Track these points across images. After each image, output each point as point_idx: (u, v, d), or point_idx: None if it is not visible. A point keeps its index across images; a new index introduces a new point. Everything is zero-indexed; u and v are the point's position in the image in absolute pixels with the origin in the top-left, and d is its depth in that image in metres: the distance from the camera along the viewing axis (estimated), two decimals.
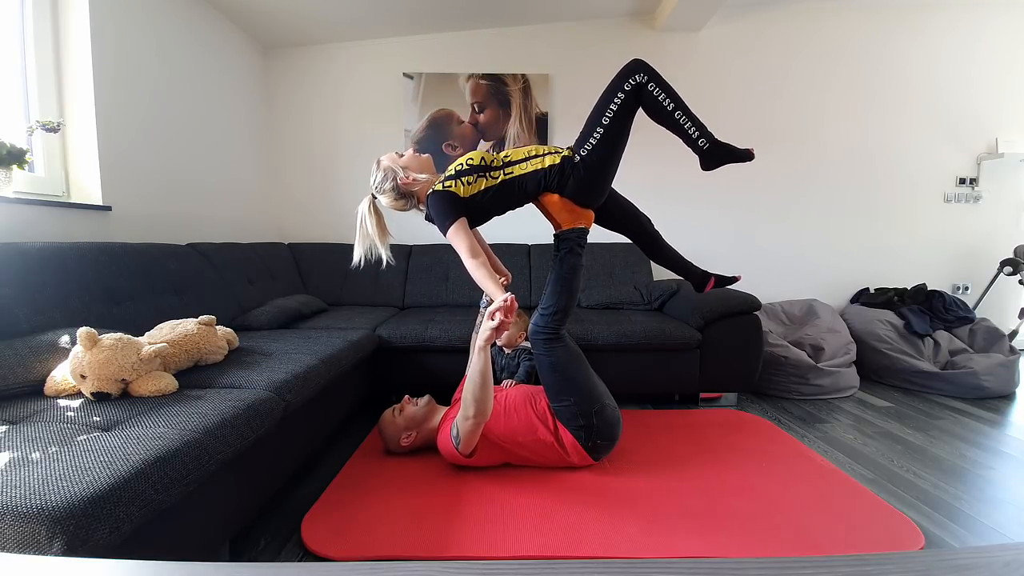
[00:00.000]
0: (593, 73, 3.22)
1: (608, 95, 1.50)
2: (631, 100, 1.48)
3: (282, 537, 1.32)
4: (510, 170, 1.57)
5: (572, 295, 1.66)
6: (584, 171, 1.54)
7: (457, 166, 1.56)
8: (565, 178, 1.55)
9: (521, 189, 1.57)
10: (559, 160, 1.55)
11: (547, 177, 1.55)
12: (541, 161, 1.57)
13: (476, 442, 1.56)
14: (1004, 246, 3.22)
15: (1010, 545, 0.37)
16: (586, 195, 1.60)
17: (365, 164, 3.23)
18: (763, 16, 3.18)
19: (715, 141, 1.52)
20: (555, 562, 0.35)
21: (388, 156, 1.65)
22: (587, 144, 1.53)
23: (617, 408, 1.70)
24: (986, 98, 3.28)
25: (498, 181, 1.56)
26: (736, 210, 3.25)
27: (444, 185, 1.53)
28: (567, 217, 1.62)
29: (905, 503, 1.49)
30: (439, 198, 1.52)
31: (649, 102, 1.48)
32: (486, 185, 1.55)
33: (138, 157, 2.13)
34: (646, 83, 1.46)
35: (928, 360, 2.74)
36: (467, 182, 1.53)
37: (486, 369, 1.45)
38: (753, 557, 0.36)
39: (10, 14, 1.74)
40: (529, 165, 1.57)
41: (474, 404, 1.46)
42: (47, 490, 0.75)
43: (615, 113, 1.49)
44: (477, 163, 1.55)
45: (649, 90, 1.46)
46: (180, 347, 1.38)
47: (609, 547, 1.25)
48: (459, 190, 1.52)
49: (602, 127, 1.51)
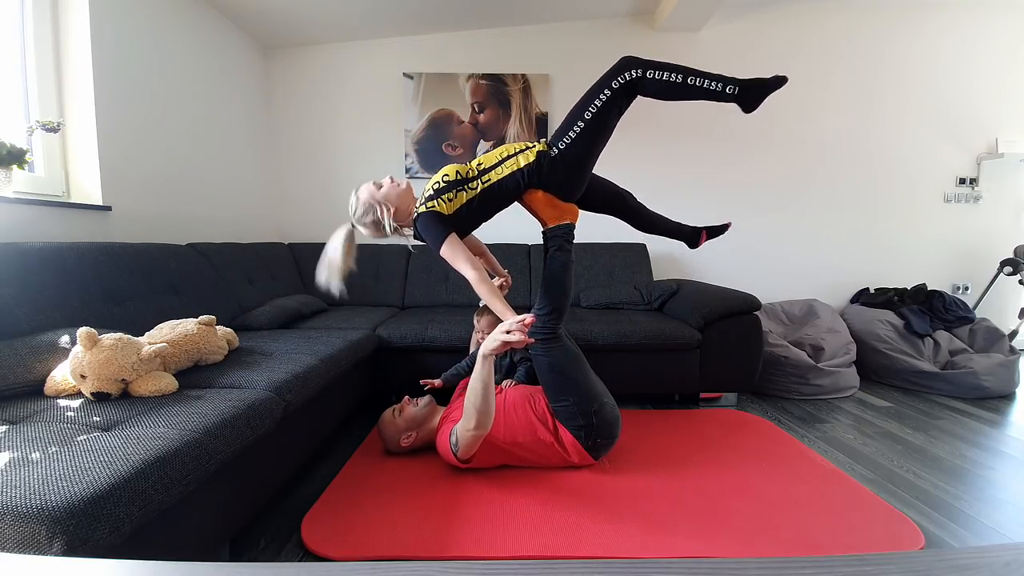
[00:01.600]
0: (593, 73, 3.18)
1: (594, 90, 1.50)
2: (620, 97, 1.48)
3: (282, 537, 1.32)
4: (487, 177, 1.57)
5: (566, 293, 1.66)
6: (562, 165, 1.55)
7: (434, 185, 1.56)
8: (543, 174, 1.55)
9: (503, 192, 1.57)
10: (534, 156, 1.56)
11: (525, 176, 1.55)
12: (515, 162, 1.56)
13: (475, 451, 1.55)
14: (1004, 246, 3.22)
15: (1010, 545, 0.37)
16: (567, 189, 1.60)
17: (365, 164, 3.26)
18: (763, 16, 3.18)
19: (741, 82, 1.45)
20: (555, 562, 0.35)
21: (366, 187, 1.61)
22: (565, 138, 1.54)
23: (616, 406, 1.70)
24: (986, 98, 3.28)
25: (478, 191, 1.56)
26: (736, 210, 3.25)
27: (427, 206, 1.53)
28: (552, 213, 1.62)
29: (905, 503, 1.49)
30: (425, 219, 1.52)
31: (656, 87, 1.47)
32: (468, 197, 1.55)
33: (138, 157, 2.13)
34: (644, 74, 1.45)
35: (928, 360, 2.74)
36: (448, 199, 1.53)
37: (488, 379, 1.43)
38: (753, 557, 0.36)
39: (10, 14, 1.74)
40: (504, 168, 1.57)
41: (476, 415, 1.44)
42: (47, 490, 0.75)
43: (599, 109, 1.49)
44: (453, 178, 1.55)
45: (651, 77, 1.45)
46: (180, 347, 1.37)
47: (609, 547, 1.25)
48: (442, 208, 1.52)
49: (584, 121, 1.51)
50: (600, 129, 1.53)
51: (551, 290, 1.64)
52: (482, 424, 1.46)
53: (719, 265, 3.28)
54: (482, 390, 1.42)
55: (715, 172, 3.26)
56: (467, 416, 1.46)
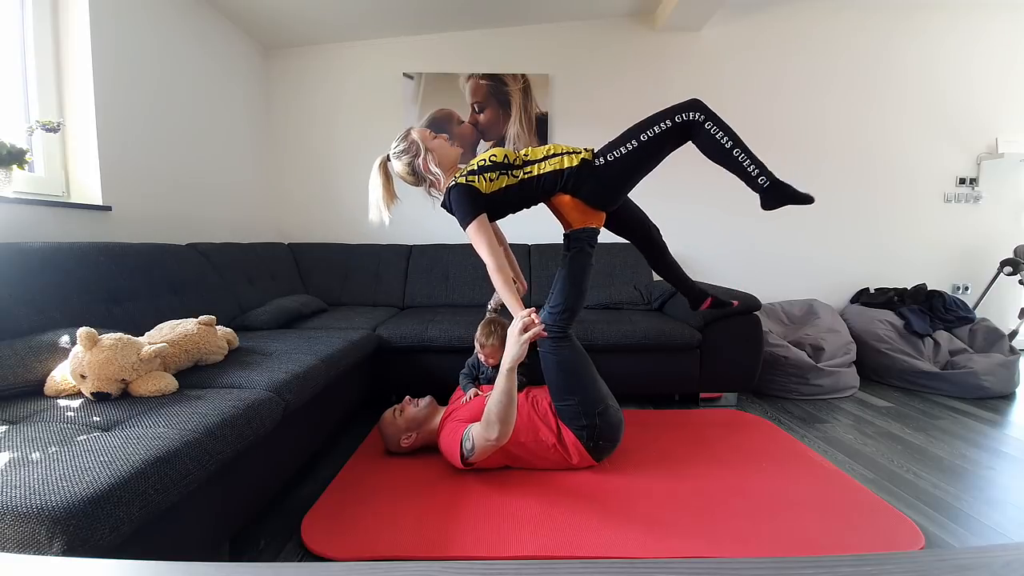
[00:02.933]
0: (593, 73, 3.24)
1: (656, 118, 1.51)
2: (675, 133, 1.50)
3: (282, 537, 1.32)
4: (529, 169, 1.57)
5: (581, 294, 1.67)
6: (605, 177, 1.55)
7: (480, 161, 1.56)
8: (581, 181, 1.55)
9: (539, 188, 1.57)
10: (578, 162, 1.55)
11: (564, 178, 1.55)
12: (560, 161, 1.57)
13: (486, 457, 1.54)
14: (1004, 246, 3.22)
15: (1010, 545, 0.37)
16: (601, 199, 1.60)
17: (365, 164, 3.22)
18: (763, 16, 3.18)
19: (775, 180, 1.48)
20: (555, 562, 0.35)
21: (420, 130, 1.62)
22: (615, 151, 1.54)
23: (620, 410, 1.70)
24: (986, 98, 3.28)
25: (518, 180, 1.56)
26: (736, 209, 3.25)
27: (468, 179, 1.53)
28: (578, 217, 1.62)
29: (905, 503, 1.49)
30: (461, 192, 1.51)
31: (706, 140, 1.48)
32: (507, 183, 1.55)
33: (138, 157, 2.13)
34: (703, 122, 1.47)
35: (928, 360, 2.74)
36: (489, 179, 1.53)
37: (512, 391, 1.43)
38: (753, 557, 0.36)
39: (10, 14, 1.74)
40: (548, 164, 1.57)
41: (499, 424, 1.44)
42: (47, 490, 0.75)
43: (655, 136, 1.50)
44: (500, 160, 1.55)
45: (707, 129, 1.47)
46: (180, 347, 1.37)
47: (609, 547, 1.25)
48: (481, 186, 1.52)
49: (638, 141, 1.51)
50: (649, 156, 1.54)
51: (567, 290, 1.65)
52: (503, 435, 1.46)
53: (719, 265, 3.28)
54: (507, 402, 1.42)
55: (715, 172, 3.25)
56: (488, 425, 1.46)
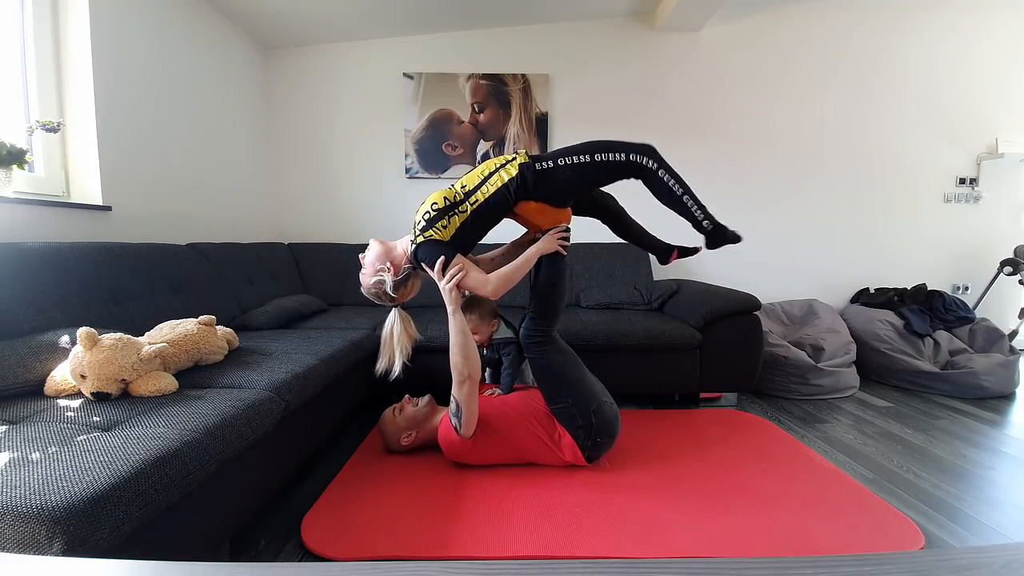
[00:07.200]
0: (593, 73, 3.24)
1: (613, 145, 1.53)
2: (626, 168, 1.54)
3: (282, 537, 1.32)
4: (474, 199, 1.56)
5: (561, 296, 1.67)
6: (562, 180, 1.55)
7: (424, 215, 1.55)
8: (536, 184, 1.55)
9: (493, 210, 1.57)
10: (516, 170, 1.55)
11: (511, 190, 1.55)
12: (499, 177, 1.56)
13: (476, 420, 1.57)
14: (1004, 246, 3.22)
15: (1010, 545, 0.37)
16: (562, 198, 1.61)
17: (365, 164, 3.27)
18: (763, 16, 3.18)
19: (716, 224, 1.59)
20: (555, 562, 0.35)
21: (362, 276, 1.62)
22: (560, 160, 1.54)
23: (614, 404, 1.70)
24: (986, 98, 3.28)
25: (468, 213, 1.56)
26: (736, 209, 3.25)
27: (425, 236, 1.53)
28: (545, 219, 1.62)
29: (905, 503, 1.49)
30: (427, 248, 1.53)
31: (659, 186, 1.54)
32: (460, 221, 1.56)
33: (138, 157, 2.13)
34: (656, 169, 1.52)
35: (928, 360, 2.74)
36: (442, 226, 1.54)
37: (464, 326, 1.55)
38: (753, 557, 0.36)
39: (10, 14, 1.74)
40: (489, 187, 1.56)
41: (464, 361, 1.52)
42: (47, 490, 0.75)
43: (608, 161, 1.53)
44: (442, 205, 1.55)
45: (660, 176, 1.52)
46: (180, 347, 1.37)
47: (609, 547, 1.25)
48: (440, 235, 1.54)
49: (591, 159, 1.53)
50: (598, 176, 1.58)
51: (546, 294, 1.65)
52: (474, 367, 1.53)
53: (719, 265, 3.28)
54: (463, 338, 1.53)
55: (715, 171, 3.26)
56: (457, 370, 1.53)
